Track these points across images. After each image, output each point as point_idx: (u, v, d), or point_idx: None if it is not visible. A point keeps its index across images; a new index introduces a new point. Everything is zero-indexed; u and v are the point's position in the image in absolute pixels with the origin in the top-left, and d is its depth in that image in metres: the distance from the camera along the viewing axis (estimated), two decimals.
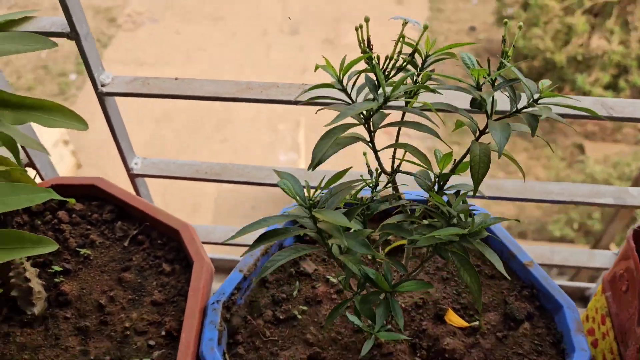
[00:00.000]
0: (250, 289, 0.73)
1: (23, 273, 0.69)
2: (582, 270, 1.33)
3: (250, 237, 0.75)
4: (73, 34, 0.67)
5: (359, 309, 0.51)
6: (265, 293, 0.73)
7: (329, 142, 0.48)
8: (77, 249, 0.77)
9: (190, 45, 4.37)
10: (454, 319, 0.70)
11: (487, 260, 0.76)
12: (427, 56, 0.54)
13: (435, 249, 0.49)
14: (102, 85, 0.74)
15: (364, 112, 0.50)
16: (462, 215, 0.49)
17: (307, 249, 0.51)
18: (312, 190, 0.50)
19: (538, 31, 4.14)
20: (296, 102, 0.74)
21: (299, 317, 0.70)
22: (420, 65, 0.54)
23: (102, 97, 0.75)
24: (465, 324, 0.70)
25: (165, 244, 0.78)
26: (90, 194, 0.81)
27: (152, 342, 0.68)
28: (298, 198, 0.47)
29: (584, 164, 3.77)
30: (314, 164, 0.48)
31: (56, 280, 0.73)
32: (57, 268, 0.74)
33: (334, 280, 0.73)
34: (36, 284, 0.70)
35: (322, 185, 0.48)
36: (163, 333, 0.69)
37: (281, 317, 0.70)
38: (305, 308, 0.71)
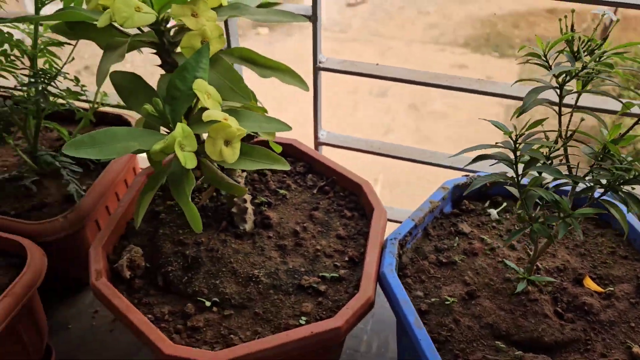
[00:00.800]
0: (417, 237, 0.88)
1: (243, 195, 0.87)
2: None
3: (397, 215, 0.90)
4: (313, 18, 0.88)
5: (537, 230, 0.65)
6: (429, 243, 0.88)
7: (533, 98, 0.64)
8: (277, 189, 0.95)
9: (282, 96, 4.64)
10: (591, 284, 0.82)
11: (620, 244, 0.88)
12: (604, 51, 0.70)
13: (609, 187, 0.63)
14: (320, 62, 0.94)
15: (560, 80, 0.66)
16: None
17: (497, 176, 0.67)
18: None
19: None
20: (482, 93, 0.91)
21: (459, 262, 0.84)
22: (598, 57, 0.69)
23: (317, 71, 0.94)
24: (601, 289, 0.82)
25: (346, 196, 0.94)
26: (286, 152, 1.00)
27: (337, 264, 0.84)
28: (506, 129, 0.63)
29: None
30: (519, 112, 0.64)
31: (262, 208, 0.91)
32: (262, 199, 0.92)
33: (489, 240, 0.87)
34: (249, 206, 0.88)
35: (526, 127, 0.64)
36: (346, 259, 0.85)
37: (443, 260, 0.85)
38: (463, 257, 0.85)
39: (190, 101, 0.74)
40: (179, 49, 0.83)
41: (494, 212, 0.91)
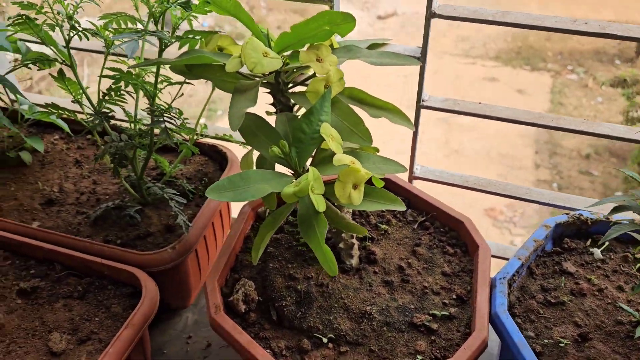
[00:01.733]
0: (521, 275, 0.89)
1: (362, 234, 0.89)
2: None
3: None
4: (422, 59, 0.89)
5: None
6: (534, 282, 0.89)
7: None
8: (377, 224, 0.96)
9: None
10: None
11: None
12: None
13: None
14: (423, 101, 0.95)
15: None
16: None
17: (630, 227, 0.67)
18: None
19: None
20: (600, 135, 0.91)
21: (567, 302, 0.85)
22: None
23: (419, 109, 0.96)
24: None
25: (447, 232, 0.96)
26: (384, 187, 1.01)
27: (445, 301, 0.85)
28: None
29: None
30: None
31: (366, 243, 0.93)
32: (366, 234, 0.94)
33: (596, 281, 0.88)
34: (355, 242, 0.90)
35: None
36: (454, 296, 0.86)
37: (552, 300, 0.85)
38: (571, 297, 0.85)
39: (315, 144, 0.76)
40: (291, 89, 0.86)
41: (597, 252, 0.92)
